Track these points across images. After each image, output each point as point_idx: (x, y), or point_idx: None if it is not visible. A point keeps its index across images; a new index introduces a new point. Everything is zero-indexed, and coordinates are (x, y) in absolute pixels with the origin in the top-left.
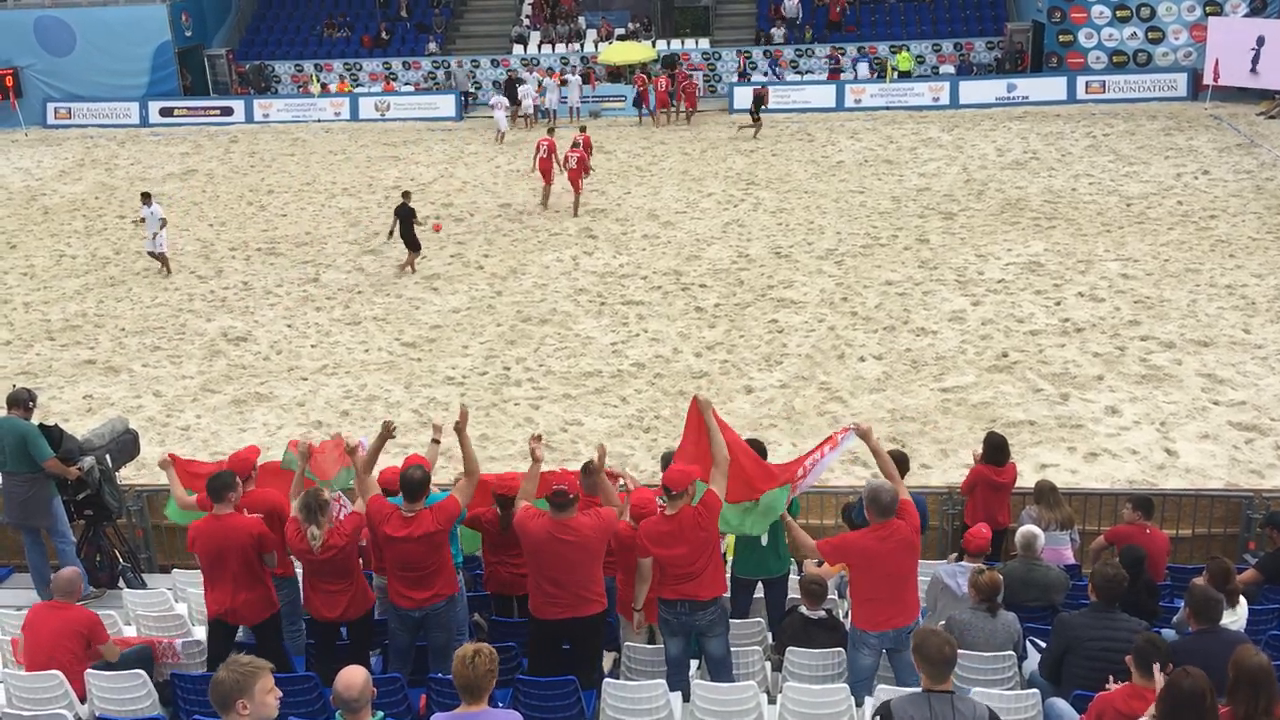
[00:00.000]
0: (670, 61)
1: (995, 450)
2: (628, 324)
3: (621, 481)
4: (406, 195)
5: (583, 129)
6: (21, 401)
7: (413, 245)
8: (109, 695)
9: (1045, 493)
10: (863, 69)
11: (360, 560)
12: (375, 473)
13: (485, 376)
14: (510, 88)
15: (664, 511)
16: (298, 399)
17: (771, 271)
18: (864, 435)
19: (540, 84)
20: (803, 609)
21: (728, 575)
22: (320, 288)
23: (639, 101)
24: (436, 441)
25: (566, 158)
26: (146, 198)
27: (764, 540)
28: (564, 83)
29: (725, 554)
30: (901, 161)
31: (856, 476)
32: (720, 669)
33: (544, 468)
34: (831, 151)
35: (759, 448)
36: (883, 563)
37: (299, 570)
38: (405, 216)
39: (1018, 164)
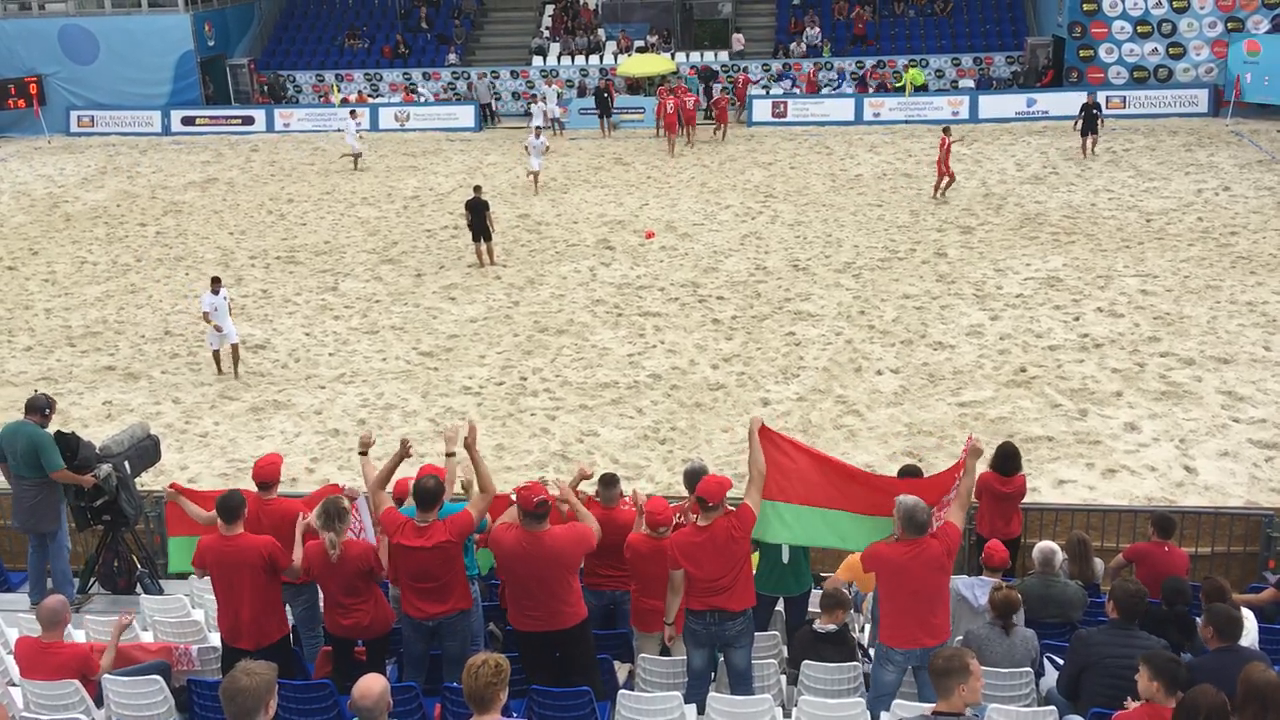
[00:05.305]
0: (710, 74)
1: (1004, 459)
2: (645, 335)
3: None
4: (478, 189)
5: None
6: (39, 408)
7: (485, 236)
8: (126, 700)
9: (1075, 546)
10: (876, 81)
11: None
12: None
13: (502, 386)
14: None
15: (696, 523)
16: (315, 407)
17: (789, 284)
18: (974, 453)
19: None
20: (815, 624)
21: None
22: (339, 296)
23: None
24: (451, 454)
25: (682, 102)
26: (216, 283)
27: (785, 559)
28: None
29: None
30: (920, 175)
31: None
32: (741, 681)
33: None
34: (850, 165)
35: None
36: (909, 578)
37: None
38: (478, 210)
39: (1037, 178)
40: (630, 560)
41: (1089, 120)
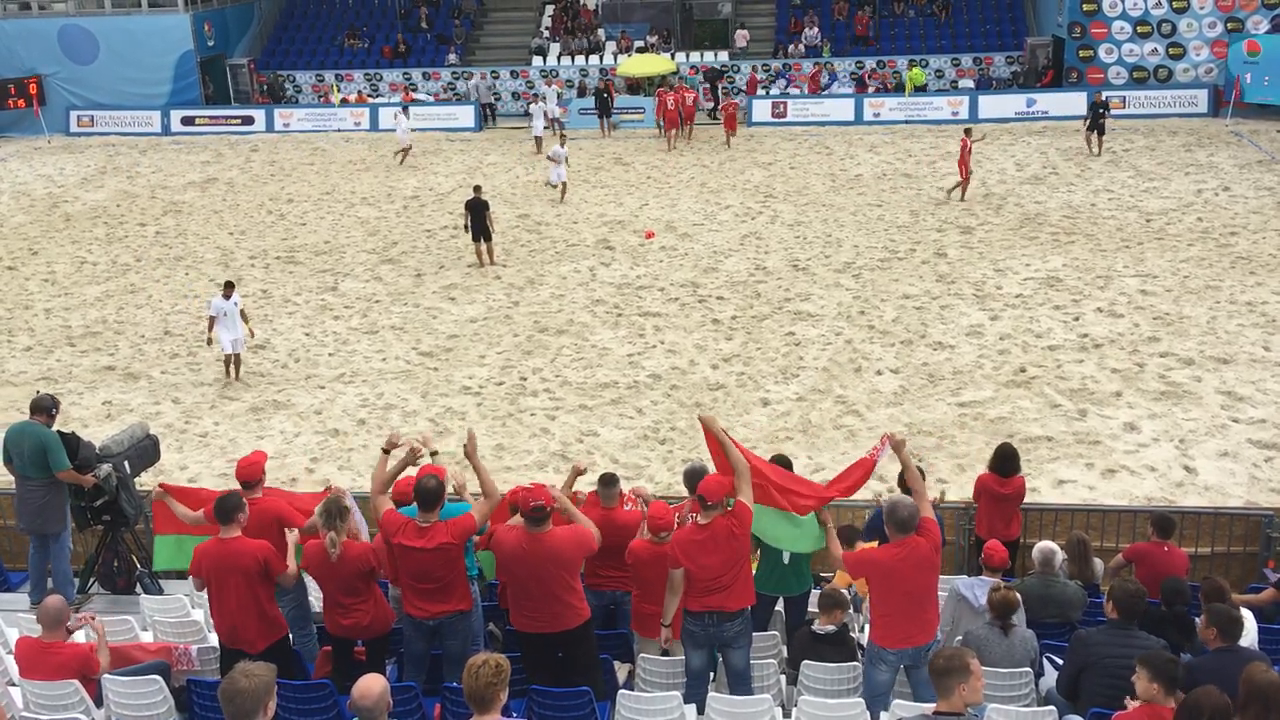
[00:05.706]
0: (714, 75)
1: (1002, 460)
2: (644, 335)
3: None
4: (478, 190)
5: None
6: (45, 408)
7: (486, 236)
8: (126, 700)
9: (1074, 546)
10: (877, 82)
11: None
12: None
13: (502, 386)
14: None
15: (697, 521)
16: (315, 407)
17: (789, 284)
18: (896, 447)
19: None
20: (814, 625)
21: None
22: (338, 296)
23: (715, 113)
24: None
25: (682, 97)
26: (229, 288)
27: (785, 559)
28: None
29: None
30: (920, 175)
31: (872, 490)
32: (740, 681)
33: (547, 478)
34: (850, 165)
35: (784, 462)
36: (901, 580)
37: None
38: (478, 210)
39: (1037, 179)
40: (632, 566)
41: (1095, 120)
